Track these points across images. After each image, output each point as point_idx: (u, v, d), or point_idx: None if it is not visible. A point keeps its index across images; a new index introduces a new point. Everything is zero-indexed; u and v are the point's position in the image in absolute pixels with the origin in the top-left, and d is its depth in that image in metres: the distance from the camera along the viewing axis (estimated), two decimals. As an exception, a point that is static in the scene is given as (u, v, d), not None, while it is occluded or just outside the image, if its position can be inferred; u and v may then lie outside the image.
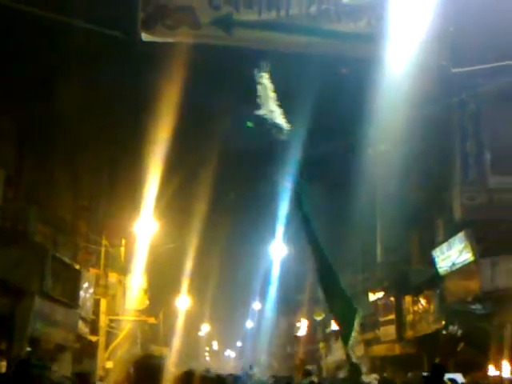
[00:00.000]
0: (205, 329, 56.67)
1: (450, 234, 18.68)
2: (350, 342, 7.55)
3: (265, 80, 7.84)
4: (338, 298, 7.80)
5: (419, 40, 8.87)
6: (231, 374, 12.85)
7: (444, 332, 18.23)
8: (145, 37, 7.94)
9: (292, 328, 41.30)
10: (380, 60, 9.00)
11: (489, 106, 17.45)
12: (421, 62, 9.15)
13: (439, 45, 8.97)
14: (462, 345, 17.40)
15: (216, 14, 8.05)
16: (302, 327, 35.05)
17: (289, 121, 7.97)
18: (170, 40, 8.36)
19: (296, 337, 35.55)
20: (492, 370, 15.86)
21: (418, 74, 10.17)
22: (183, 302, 38.94)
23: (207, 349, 67.36)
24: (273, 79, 7.86)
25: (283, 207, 27.95)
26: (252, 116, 8.03)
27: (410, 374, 16.92)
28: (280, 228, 31.33)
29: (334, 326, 29.37)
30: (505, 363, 15.17)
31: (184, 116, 18.67)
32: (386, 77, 11.09)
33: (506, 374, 15.22)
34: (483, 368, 16.28)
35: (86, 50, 15.10)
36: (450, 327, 17.88)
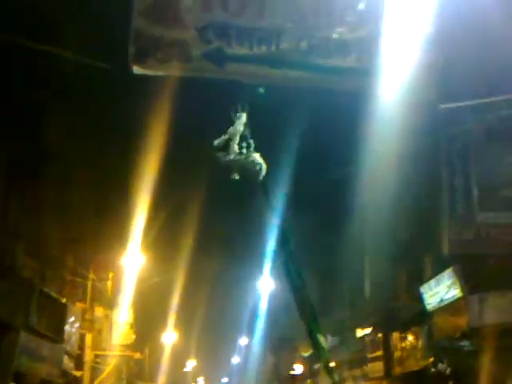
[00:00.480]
0: (191, 364, 56.16)
1: (438, 270, 18.67)
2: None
3: (240, 120, 7.92)
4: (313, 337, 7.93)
5: (408, 75, 8.91)
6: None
7: (433, 369, 18.12)
8: (136, 70, 7.92)
9: (279, 364, 40.98)
10: (369, 94, 9.02)
11: (477, 142, 17.55)
12: (410, 96, 9.18)
13: (428, 80, 9.01)
14: (450, 383, 17.29)
15: (207, 47, 8.04)
16: (303, 359, 34.69)
17: (265, 158, 8.05)
18: (161, 73, 8.34)
19: (293, 377, 35.21)
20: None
21: (408, 109, 10.22)
22: (169, 337, 38.62)
23: (193, 385, 66.70)
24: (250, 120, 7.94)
25: (270, 242, 27.92)
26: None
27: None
28: (267, 263, 31.26)
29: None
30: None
31: (172, 150, 18.72)
32: (374, 112, 11.16)
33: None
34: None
35: (74, 82, 15.17)
36: (439, 365, 17.78)
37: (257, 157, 8.10)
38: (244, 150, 8.09)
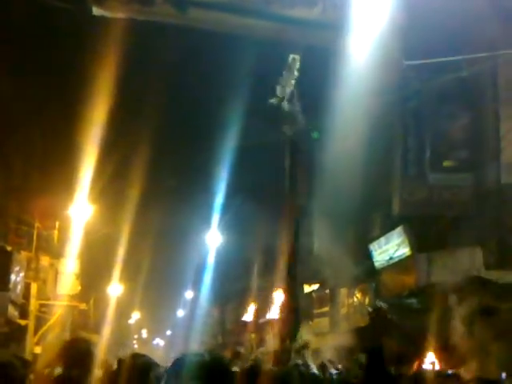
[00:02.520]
0: (135, 316, 56.15)
1: (387, 229, 18.87)
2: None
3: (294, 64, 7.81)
4: None
5: (374, 32, 8.83)
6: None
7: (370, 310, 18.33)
8: (95, 11, 7.67)
9: (224, 318, 41.24)
10: (334, 49, 8.92)
11: (431, 104, 17.63)
12: (375, 54, 9.13)
13: (393, 38, 8.96)
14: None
15: (170, -9, 7.81)
16: (250, 313, 34.84)
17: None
18: (121, 15, 8.12)
19: (244, 323, 35.38)
20: (423, 363, 16.05)
21: (373, 65, 10.16)
22: (115, 289, 38.44)
23: (136, 337, 66.80)
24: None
25: (219, 196, 27.84)
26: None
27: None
28: (216, 216, 31.19)
29: (270, 316, 29.46)
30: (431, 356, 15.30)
31: (123, 98, 18.36)
32: (338, 68, 11.06)
33: (430, 366, 15.37)
34: (413, 361, 16.44)
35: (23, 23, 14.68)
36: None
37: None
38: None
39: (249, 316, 34.44)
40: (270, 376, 5.55)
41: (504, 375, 11.45)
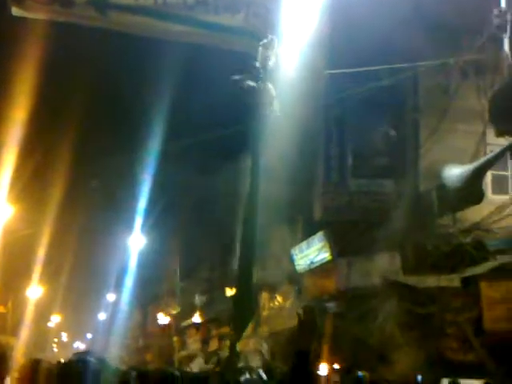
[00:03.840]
0: (55, 319, 55.24)
1: (309, 234, 19.09)
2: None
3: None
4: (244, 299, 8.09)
5: (299, 40, 8.95)
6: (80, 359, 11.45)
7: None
8: (15, 11, 7.51)
9: (146, 321, 40.95)
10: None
11: (353, 112, 17.92)
12: (300, 62, 9.24)
13: (317, 46, 9.10)
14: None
15: (90, -7, 7.73)
16: (162, 319, 34.75)
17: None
18: (41, 17, 7.96)
19: (166, 326, 35.23)
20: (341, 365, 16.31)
21: (298, 74, 10.26)
22: (34, 291, 37.74)
23: (56, 340, 65.68)
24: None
25: (142, 199, 27.68)
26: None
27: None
28: (138, 219, 30.99)
29: (195, 319, 29.41)
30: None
31: (44, 98, 18.07)
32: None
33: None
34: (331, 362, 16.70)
35: None
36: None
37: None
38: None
39: (171, 319, 34.31)
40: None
41: (420, 377, 11.77)
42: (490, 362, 12.13)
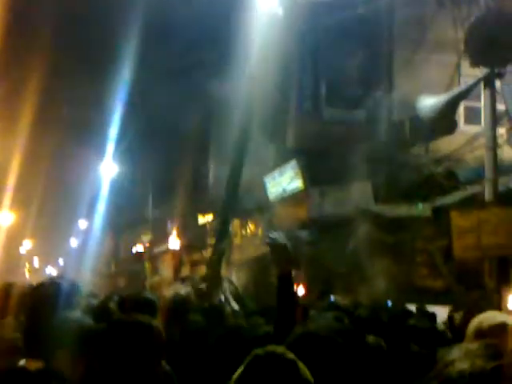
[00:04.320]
0: (27, 245, 55.27)
1: (282, 162, 19.11)
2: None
3: None
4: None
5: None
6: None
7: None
8: None
9: (118, 247, 41.18)
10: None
11: (327, 41, 17.76)
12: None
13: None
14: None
15: None
16: (134, 246, 34.82)
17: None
18: None
19: (138, 252, 35.36)
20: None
21: (270, 4, 10.10)
22: (5, 218, 37.61)
23: (27, 265, 65.81)
24: None
25: (114, 125, 27.36)
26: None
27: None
28: (110, 146, 30.77)
29: (167, 246, 29.54)
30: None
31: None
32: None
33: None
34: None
35: None
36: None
37: None
38: None
39: (143, 246, 34.50)
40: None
41: (389, 303, 12.02)
42: (458, 289, 12.43)
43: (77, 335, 3.12)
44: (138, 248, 35.26)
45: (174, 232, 27.54)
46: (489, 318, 3.39)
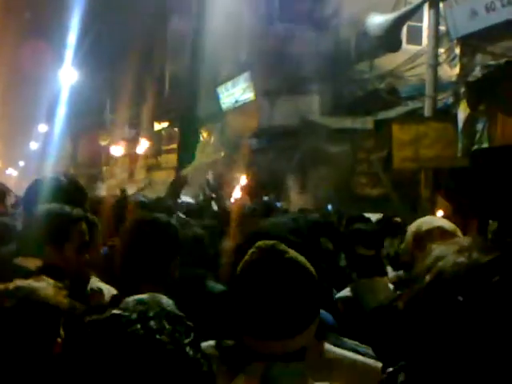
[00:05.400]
0: (-13, 147, 54.19)
1: (235, 73, 18.87)
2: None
3: None
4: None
5: None
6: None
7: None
8: None
9: (76, 151, 40.53)
10: None
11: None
12: None
13: None
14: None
15: None
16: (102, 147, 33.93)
17: None
18: None
19: (96, 156, 34.71)
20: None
21: None
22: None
23: (-12, 167, 64.70)
24: None
25: (73, 28, 26.38)
26: None
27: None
28: (69, 52, 29.80)
29: (123, 151, 29.19)
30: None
31: None
32: None
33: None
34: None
35: None
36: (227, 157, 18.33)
37: None
38: None
39: (101, 150, 34.05)
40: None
41: (330, 207, 12.20)
42: (395, 196, 12.65)
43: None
44: (96, 152, 34.78)
45: (139, 138, 27.14)
46: (426, 222, 3.41)
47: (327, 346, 2.13)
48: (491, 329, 0.95)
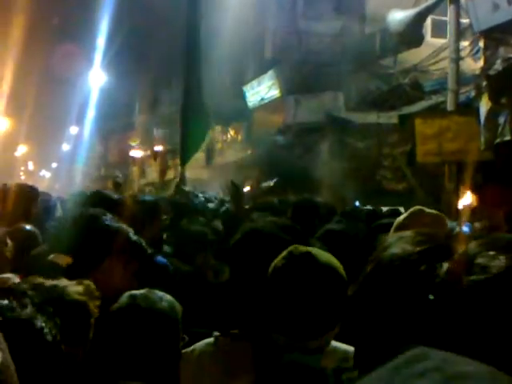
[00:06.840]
0: (21, 150, 54.87)
1: (260, 72, 18.97)
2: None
3: None
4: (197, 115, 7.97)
5: None
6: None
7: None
8: None
9: (107, 152, 40.93)
10: None
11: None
12: None
13: None
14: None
15: None
16: (132, 147, 34.30)
17: None
18: None
19: (126, 156, 34.98)
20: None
21: None
22: (0, 123, 37.21)
23: (22, 169, 65.51)
24: None
25: (101, 32, 26.67)
26: None
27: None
28: (98, 55, 30.14)
29: (154, 149, 29.40)
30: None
31: None
32: None
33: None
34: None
35: None
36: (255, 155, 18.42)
37: None
38: None
39: (131, 150, 34.35)
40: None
41: (357, 203, 12.21)
42: (419, 190, 12.65)
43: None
44: (126, 153, 35.08)
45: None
46: (410, 211, 3.37)
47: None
48: (423, 317, 0.99)
